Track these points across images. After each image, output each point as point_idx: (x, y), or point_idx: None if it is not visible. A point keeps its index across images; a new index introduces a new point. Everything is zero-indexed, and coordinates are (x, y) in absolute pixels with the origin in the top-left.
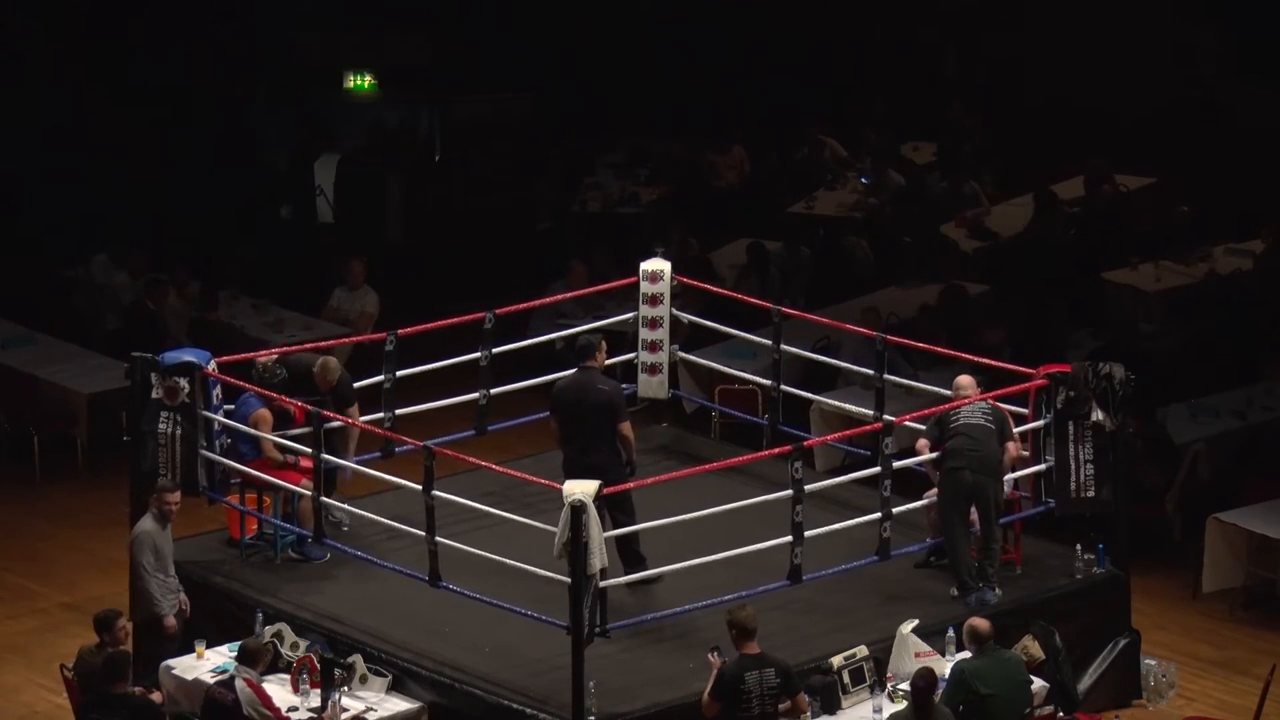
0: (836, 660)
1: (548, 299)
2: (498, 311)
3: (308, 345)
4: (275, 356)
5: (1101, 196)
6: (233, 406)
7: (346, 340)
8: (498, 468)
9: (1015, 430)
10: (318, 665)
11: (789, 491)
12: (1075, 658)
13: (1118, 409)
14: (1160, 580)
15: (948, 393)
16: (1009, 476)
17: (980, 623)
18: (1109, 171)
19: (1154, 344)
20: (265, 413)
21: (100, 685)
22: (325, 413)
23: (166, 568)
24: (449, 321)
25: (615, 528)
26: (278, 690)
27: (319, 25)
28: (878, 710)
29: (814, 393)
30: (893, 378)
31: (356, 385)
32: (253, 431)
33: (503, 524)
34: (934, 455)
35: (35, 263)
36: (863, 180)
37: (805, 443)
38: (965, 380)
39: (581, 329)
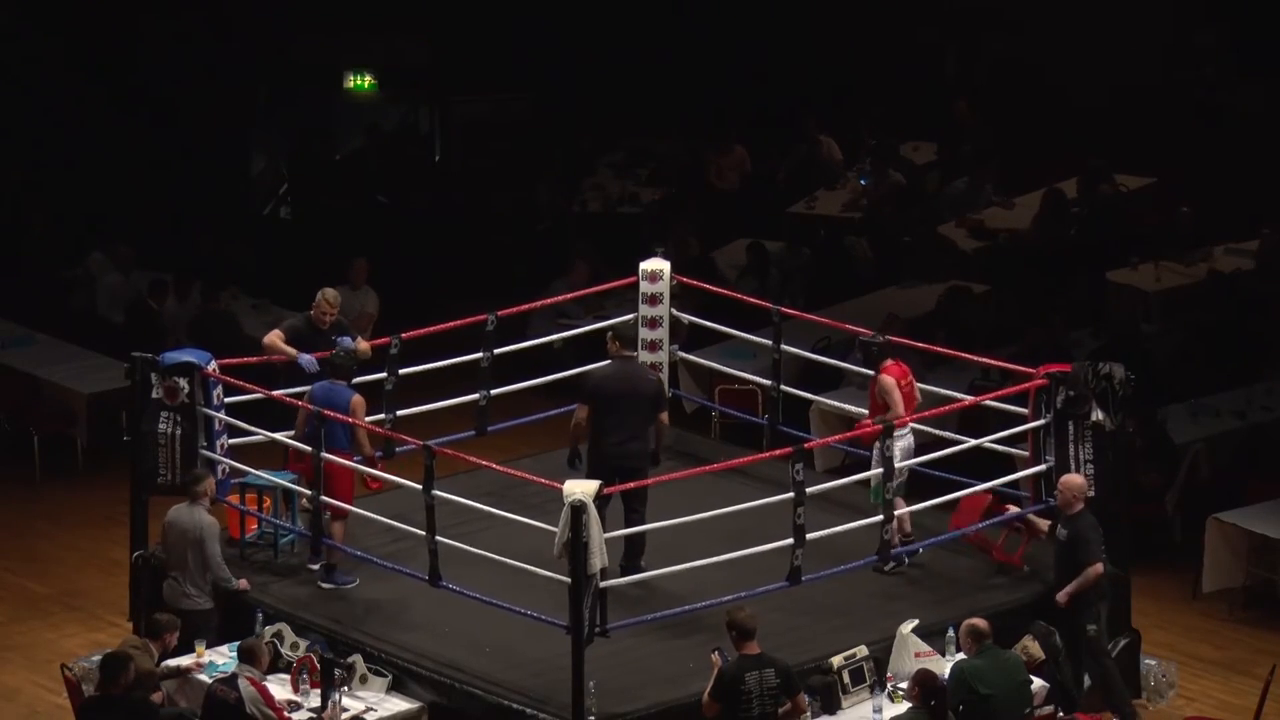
0: (836, 660)
1: (549, 299)
2: (500, 313)
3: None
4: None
5: (1099, 196)
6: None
7: None
8: (499, 468)
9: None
10: (318, 665)
11: (790, 494)
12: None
13: (1118, 409)
14: (1160, 580)
15: (948, 393)
16: (1008, 477)
17: (978, 622)
18: (1108, 171)
19: (1154, 344)
20: (361, 399)
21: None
22: (326, 412)
23: None
24: (451, 324)
25: (632, 521)
26: (278, 690)
27: (319, 25)
28: (878, 710)
29: (814, 393)
30: None
31: (357, 382)
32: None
33: (503, 524)
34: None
35: (35, 263)
36: (862, 181)
37: (806, 444)
38: (1083, 485)
39: (582, 329)
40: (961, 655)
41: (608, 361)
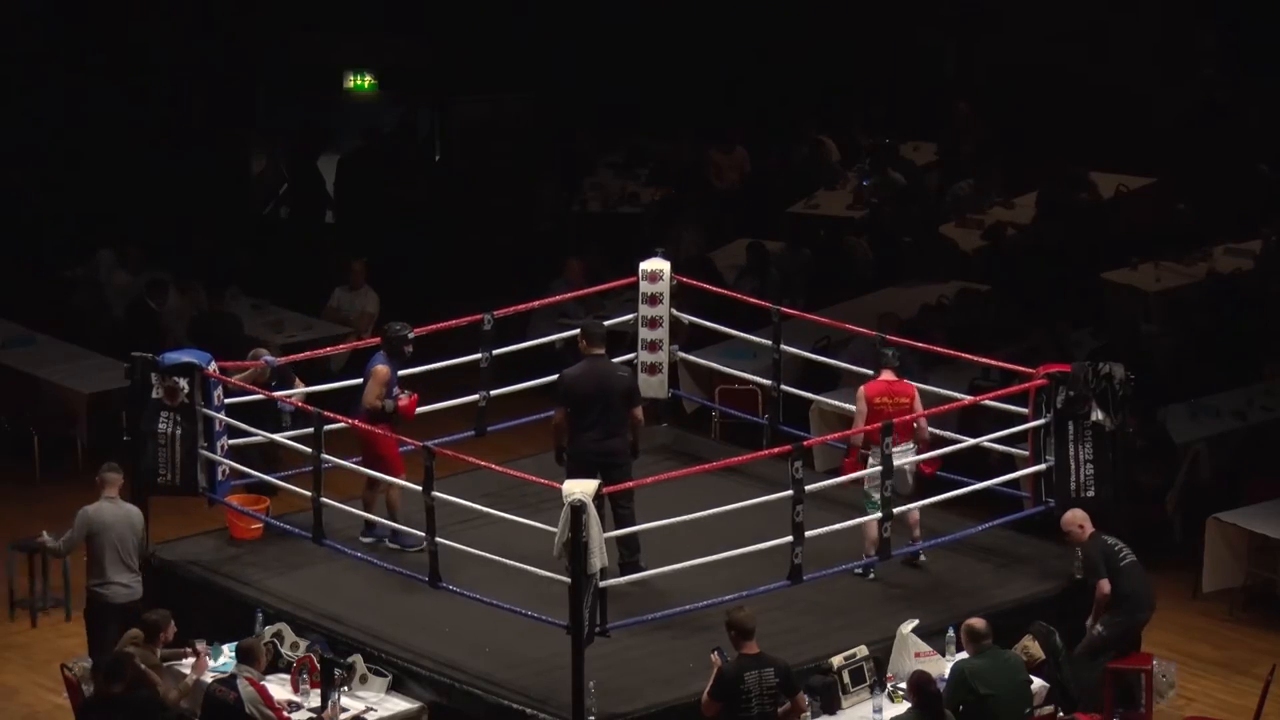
0: (836, 660)
1: (548, 299)
2: (497, 313)
3: (303, 354)
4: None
5: (1075, 202)
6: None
7: (346, 346)
8: (498, 468)
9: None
10: (318, 665)
11: (789, 492)
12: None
13: (1118, 409)
14: (1160, 580)
15: (949, 393)
16: (1010, 476)
17: (978, 622)
18: (1086, 177)
19: (1154, 344)
20: (383, 369)
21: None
22: (327, 413)
23: None
24: (449, 324)
25: (622, 516)
26: (278, 690)
27: (319, 25)
28: (878, 710)
29: (814, 393)
30: None
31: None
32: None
33: (502, 524)
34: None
35: (35, 263)
36: (864, 181)
37: (805, 442)
38: (1080, 515)
39: None
40: (962, 655)
41: (579, 362)
